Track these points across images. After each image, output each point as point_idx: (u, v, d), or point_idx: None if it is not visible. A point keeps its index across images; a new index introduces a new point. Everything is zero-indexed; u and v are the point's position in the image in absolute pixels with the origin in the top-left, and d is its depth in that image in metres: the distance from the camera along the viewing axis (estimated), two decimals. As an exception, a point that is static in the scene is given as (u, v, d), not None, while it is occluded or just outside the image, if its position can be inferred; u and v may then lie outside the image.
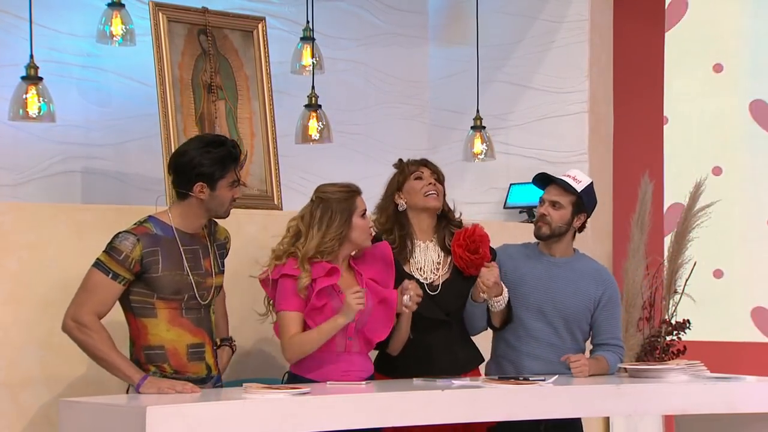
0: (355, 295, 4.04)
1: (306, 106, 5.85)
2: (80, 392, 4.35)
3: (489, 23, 6.85)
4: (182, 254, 4.04)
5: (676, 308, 6.13)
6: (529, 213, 6.49)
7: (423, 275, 4.48)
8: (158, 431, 3.43)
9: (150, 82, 5.24)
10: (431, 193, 4.50)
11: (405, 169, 4.56)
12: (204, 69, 5.31)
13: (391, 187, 4.56)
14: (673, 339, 6.05)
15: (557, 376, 4.31)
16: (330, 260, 4.18)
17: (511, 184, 6.73)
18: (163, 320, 4.02)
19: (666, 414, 6.01)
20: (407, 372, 4.36)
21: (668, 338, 6.04)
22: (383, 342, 4.34)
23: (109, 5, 5.24)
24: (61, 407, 3.79)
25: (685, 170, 6.63)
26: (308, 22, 5.97)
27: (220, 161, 4.02)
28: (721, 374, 4.70)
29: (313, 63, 5.93)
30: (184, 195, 4.05)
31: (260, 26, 5.52)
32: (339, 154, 6.57)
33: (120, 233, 4.00)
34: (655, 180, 6.38)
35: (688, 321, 6.06)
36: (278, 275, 4.16)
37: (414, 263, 4.49)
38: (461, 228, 4.52)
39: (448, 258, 4.52)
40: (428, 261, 4.51)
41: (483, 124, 6.51)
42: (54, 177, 5.77)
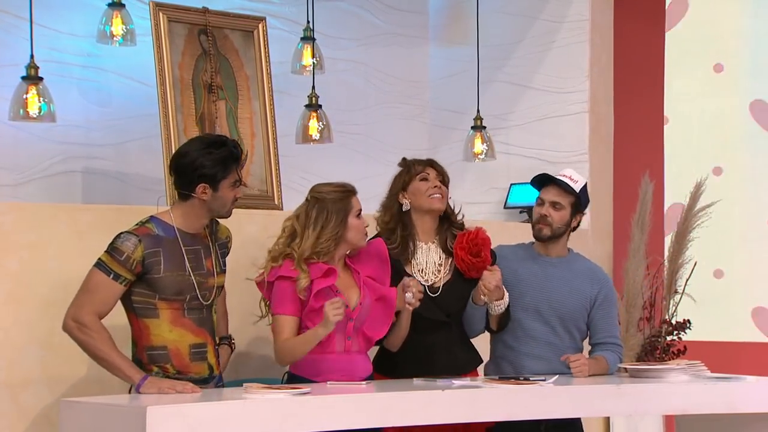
0: (333, 306, 3.99)
1: (306, 106, 5.85)
2: (81, 392, 4.35)
3: (489, 23, 6.85)
4: (184, 255, 4.04)
5: (677, 308, 6.13)
6: (530, 213, 6.45)
7: (424, 277, 4.47)
8: (158, 431, 3.43)
9: (150, 82, 5.24)
10: (436, 195, 4.48)
11: (411, 169, 4.52)
12: (204, 69, 5.31)
13: (396, 187, 4.53)
14: (674, 339, 6.05)
15: (557, 376, 4.31)
16: (326, 261, 4.17)
17: (512, 184, 6.73)
18: (166, 321, 4.02)
19: (666, 414, 6.01)
20: (407, 372, 4.35)
21: (669, 338, 6.03)
22: (382, 339, 4.34)
23: (110, 5, 5.23)
24: (62, 407, 3.79)
25: (686, 170, 6.63)
26: (308, 22, 5.97)
27: (222, 162, 4.02)
28: (722, 374, 4.70)
29: (314, 63, 5.93)
30: (186, 196, 4.04)
31: (261, 26, 5.52)
32: (339, 154, 6.57)
33: (122, 233, 3.99)
34: (656, 180, 6.37)
35: (689, 321, 6.06)
36: (274, 277, 4.16)
37: (415, 264, 4.47)
38: (463, 230, 4.51)
39: (450, 260, 4.50)
40: (430, 263, 4.50)
41: (483, 124, 6.51)
42: (54, 177, 5.77)
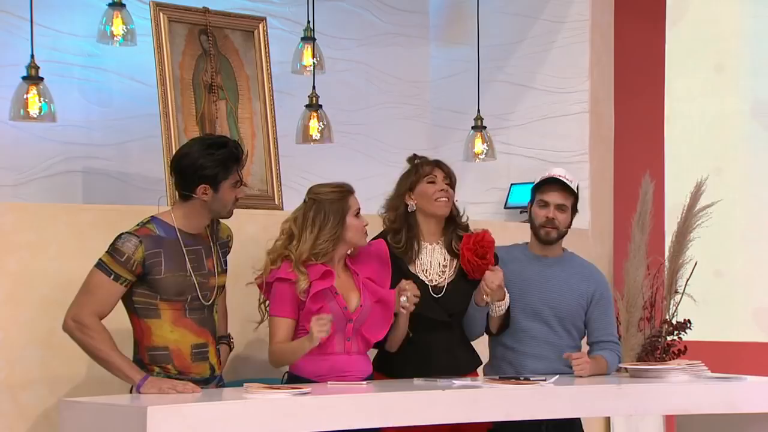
0: (319, 323, 3.98)
1: (307, 106, 5.85)
2: (81, 392, 4.35)
3: (490, 23, 6.85)
4: (185, 255, 4.04)
5: (677, 308, 6.12)
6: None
7: (428, 277, 4.47)
8: (159, 431, 3.43)
9: (151, 82, 5.24)
10: (442, 200, 4.47)
11: (419, 170, 4.51)
12: (205, 69, 5.31)
13: (403, 187, 4.52)
14: (674, 339, 6.04)
15: (557, 376, 4.31)
16: (325, 262, 4.17)
17: (512, 184, 6.73)
18: (167, 321, 4.02)
19: (667, 414, 6.00)
20: (407, 371, 4.36)
21: (669, 338, 6.02)
22: (381, 340, 4.34)
23: (110, 5, 5.23)
24: (62, 407, 3.79)
25: (686, 170, 6.62)
26: (309, 22, 5.97)
27: (223, 163, 4.02)
28: (722, 374, 4.70)
29: (314, 63, 5.93)
30: (187, 196, 4.04)
31: (261, 26, 5.52)
32: (340, 154, 6.56)
33: (123, 234, 3.99)
34: (656, 180, 6.36)
35: (689, 321, 6.05)
36: (273, 279, 4.17)
37: (419, 264, 4.48)
38: (468, 232, 4.51)
39: (454, 261, 4.51)
40: (434, 263, 4.50)
41: (484, 124, 6.50)
42: (55, 177, 5.77)
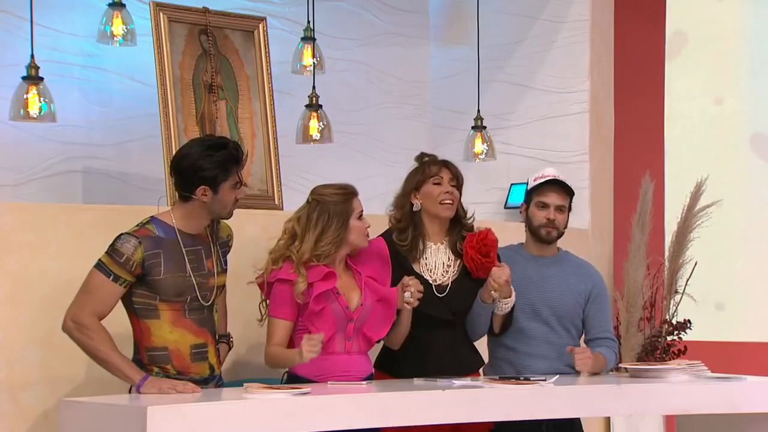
0: (309, 344, 3.97)
1: (307, 106, 5.85)
2: (81, 392, 4.35)
3: (490, 23, 6.85)
4: (185, 256, 4.03)
5: (677, 308, 6.13)
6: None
7: (432, 276, 4.48)
8: (159, 431, 3.43)
9: (151, 82, 5.24)
10: (447, 202, 4.47)
11: (425, 170, 4.50)
12: (205, 69, 5.31)
13: (409, 185, 4.52)
14: (674, 339, 6.05)
15: (557, 376, 4.32)
16: (327, 263, 4.17)
17: (512, 184, 6.73)
18: (167, 321, 4.02)
19: (667, 414, 6.00)
20: (410, 370, 4.37)
21: (669, 338, 6.04)
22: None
23: (110, 5, 5.22)
24: (62, 407, 3.80)
25: (686, 170, 6.62)
26: (309, 22, 5.97)
27: (222, 164, 4.01)
28: (722, 374, 4.70)
29: (314, 63, 5.93)
30: (187, 197, 4.04)
31: (261, 26, 5.51)
32: (340, 154, 6.56)
33: (122, 235, 3.99)
34: (656, 180, 6.37)
35: (689, 321, 6.06)
36: (274, 279, 4.17)
37: (424, 264, 4.49)
38: (473, 232, 4.52)
39: (458, 261, 4.51)
40: (438, 263, 4.50)
41: (484, 124, 6.50)
42: (55, 177, 5.76)
